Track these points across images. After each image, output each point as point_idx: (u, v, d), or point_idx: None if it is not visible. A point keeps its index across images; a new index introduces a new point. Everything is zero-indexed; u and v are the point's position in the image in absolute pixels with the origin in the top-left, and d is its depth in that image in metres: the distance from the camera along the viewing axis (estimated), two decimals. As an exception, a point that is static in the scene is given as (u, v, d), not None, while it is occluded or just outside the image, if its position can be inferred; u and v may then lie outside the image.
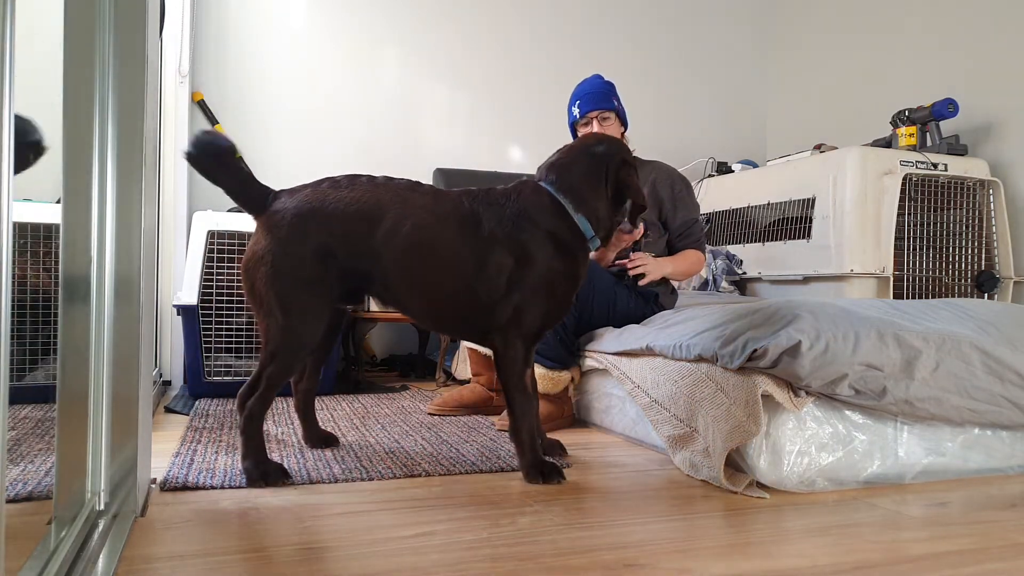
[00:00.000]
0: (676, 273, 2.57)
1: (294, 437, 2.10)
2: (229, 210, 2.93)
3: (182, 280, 2.90)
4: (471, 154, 4.13)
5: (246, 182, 1.73)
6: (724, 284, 3.63)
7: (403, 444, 2.04)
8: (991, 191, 3.27)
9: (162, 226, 3.06)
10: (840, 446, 1.68)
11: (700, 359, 1.80)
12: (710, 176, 4.21)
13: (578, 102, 2.61)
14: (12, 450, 1.84)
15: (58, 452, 1.23)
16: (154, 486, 1.56)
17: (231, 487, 1.58)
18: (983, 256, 3.27)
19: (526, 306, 1.71)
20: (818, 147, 3.63)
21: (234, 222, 2.89)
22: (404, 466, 1.78)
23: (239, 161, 1.71)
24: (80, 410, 1.26)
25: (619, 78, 2.76)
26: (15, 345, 2.48)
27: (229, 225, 2.88)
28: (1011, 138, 3.36)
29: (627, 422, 2.18)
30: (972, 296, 3.24)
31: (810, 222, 3.33)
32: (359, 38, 3.97)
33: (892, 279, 3.12)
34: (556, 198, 1.77)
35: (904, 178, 3.14)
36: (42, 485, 1.52)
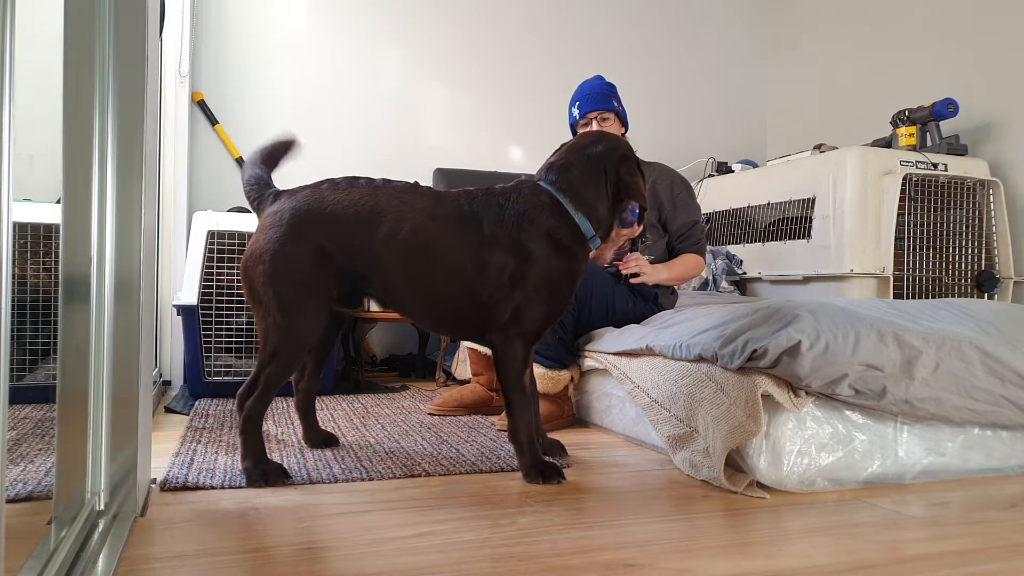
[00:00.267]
0: (672, 279, 2.56)
1: (294, 437, 2.10)
2: (229, 210, 2.93)
3: (182, 280, 2.90)
4: (471, 154, 4.13)
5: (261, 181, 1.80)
6: (724, 284, 3.63)
7: (403, 444, 2.04)
8: (991, 191, 3.27)
9: (162, 226, 3.07)
10: (840, 446, 1.68)
11: (700, 359, 1.80)
12: (710, 176, 4.21)
13: (578, 103, 2.61)
14: (12, 450, 1.84)
15: (58, 452, 1.23)
16: (154, 486, 1.56)
17: (231, 487, 1.58)
18: (983, 256, 3.27)
19: (526, 306, 1.71)
20: (818, 147, 3.63)
21: (234, 222, 2.89)
22: (404, 466, 1.78)
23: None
24: (80, 410, 1.25)
25: (619, 78, 2.77)
26: (15, 345, 2.49)
27: (229, 225, 2.88)
28: (1011, 138, 3.36)
29: (627, 422, 2.18)
30: (972, 296, 3.24)
31: (810, 222, 3.33)
32: (359, 38, 3.97)
33: (892, 279, 3.12)
34: (556, 197, 1.76)
35: (904, 178, 3.15)
36: (42, 485, 1.52)
